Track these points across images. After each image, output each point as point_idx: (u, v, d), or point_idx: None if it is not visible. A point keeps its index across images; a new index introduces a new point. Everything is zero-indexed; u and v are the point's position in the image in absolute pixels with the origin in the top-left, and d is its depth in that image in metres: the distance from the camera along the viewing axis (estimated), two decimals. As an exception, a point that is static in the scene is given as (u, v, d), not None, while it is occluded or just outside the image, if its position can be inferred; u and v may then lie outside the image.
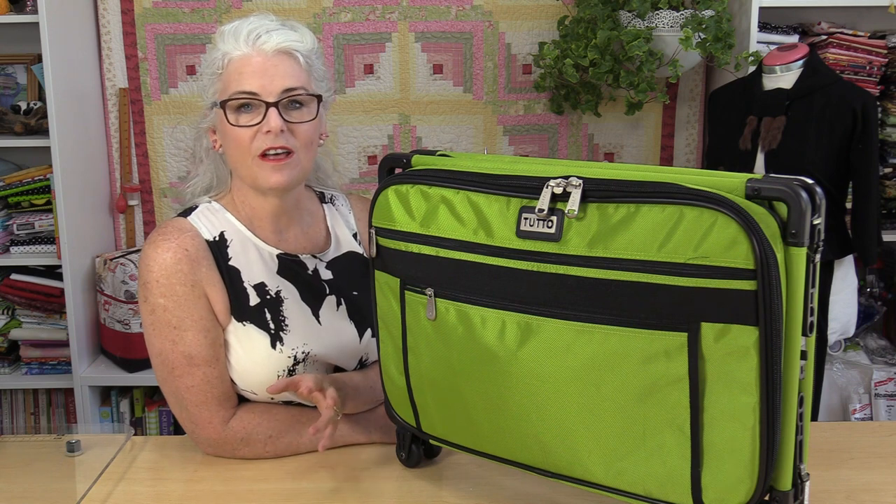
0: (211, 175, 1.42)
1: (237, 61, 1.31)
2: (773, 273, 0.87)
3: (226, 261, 1.35)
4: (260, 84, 1.29)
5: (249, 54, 1.30)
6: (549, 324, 1.00)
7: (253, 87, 1.29)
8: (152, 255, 1.31)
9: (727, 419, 0.93)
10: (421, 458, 1.29)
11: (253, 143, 1.30)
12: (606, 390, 0.98)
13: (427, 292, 1.10)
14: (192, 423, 1.33)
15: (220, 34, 1.34)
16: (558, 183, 0.97)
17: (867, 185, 2.33)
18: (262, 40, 1.30)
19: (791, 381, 0.93)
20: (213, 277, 1.33)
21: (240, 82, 1.30)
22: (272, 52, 1.30)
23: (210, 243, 1.35)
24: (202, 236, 1.34)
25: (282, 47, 1.30)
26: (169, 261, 1.30)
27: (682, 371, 0.93)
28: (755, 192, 0.91)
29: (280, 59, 1.30)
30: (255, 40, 1.30)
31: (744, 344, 0.90)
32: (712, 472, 0.96)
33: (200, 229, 1.35)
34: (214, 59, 1.34)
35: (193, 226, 1.35)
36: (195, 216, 1.37)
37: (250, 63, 1.30)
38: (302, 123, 1.32)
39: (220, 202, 1.40)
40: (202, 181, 1.42)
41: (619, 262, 0.94)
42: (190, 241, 1.32)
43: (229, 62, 1.32)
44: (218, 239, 1.36)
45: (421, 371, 1.15)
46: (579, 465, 1.03)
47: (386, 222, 1.13)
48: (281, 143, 1.30)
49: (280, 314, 1.36)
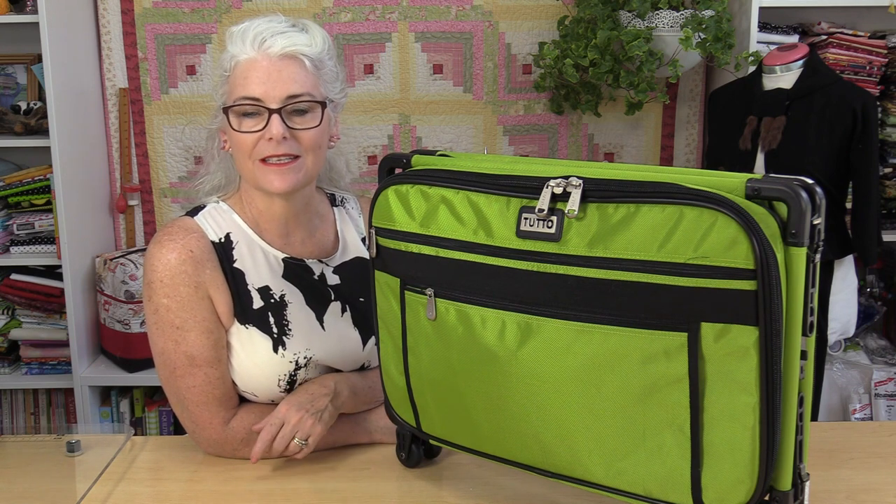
0: (221, 174, 1.41)
1: (243, 65, 1.30)
2: (774, 273, 0.87)
3: (230, 263, 1.35)
4: (263, 90, 1.28)
5: (255, 58, 1.29)
6: (549, 324, 0.99)
7: (256, 92, 1.28)
8: (157, 254, 1.31)
9: (727, 419, 0.93)
10: (421, 459, 1.29)
11: (256, 149, 1.30)
12: (606, 390, 0.98)
13: (427, 292, 1.10)
14: (193, 423, 1.33)
15: (229, 35, 1.33)
16: (558, 183, 0.97)
17: (867, 185, 2.33)
18: (267, 44, 1.29)
19: (791, 381, 0.93)
20: (217, 279, 1.32)
21: (244, 87, 1.29)
22: (278, 57, 1.29)
23: (215, 244, 1.34)
24: (208, 237, 1.34)
25: (288, 52, 1.29)
26: (173, 261, 1.30)
27: (682, 371, 0.93)
28: (755, 192, 0.91)
29: (285, 64, 1.29)
30: (260, 44, 1.29)
31: (744, 344, 0.90)
32: (712, 472, 0.96)
33: (206, 230, 1.35)
34: (223, 60, 1.34)
35: (199, 226, 1.35)
36: (202, 216, 1.37)
37: (255, 68, 1.29)
38: (306, 130, 1.31)
39: (227, 202, 1.40)
40: (212, 179, 1.42)
41: (619, 262, 0.93)
42: (195, 241, 1.32)
43: (236, 65, 1.31)
44: (224, 240, 1.36)
45: (421, 371, 1.15)
46: (579, 465, 1.03)
47: (386, 222, 1.13)
48: (283, 150, 1.29)
49: (284, 318, 1.35)
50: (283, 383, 1.34)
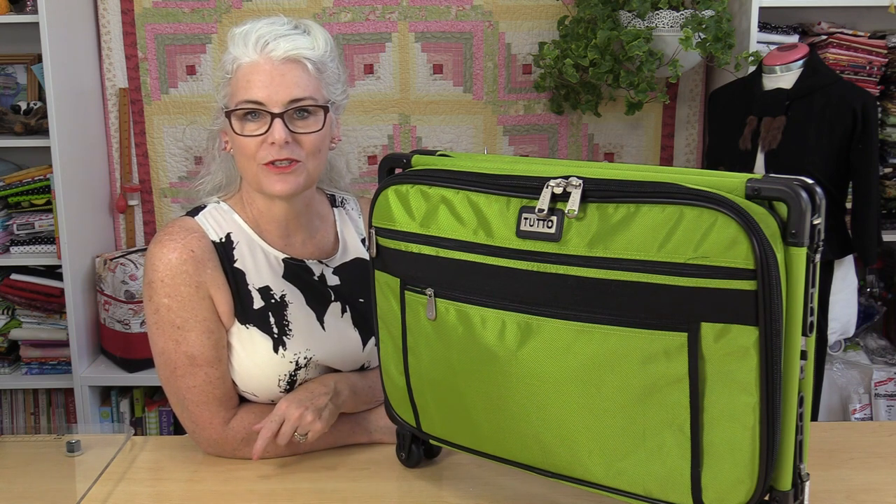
0: (222, 174, 1.41)
1: (245, 68, 1.30)
2: (773, 273, 0.87)
3: (231, 262, 1.35)
4: (266, 94, 1.28)
5: (257, 62, 1.29)
6: (549, 324, 0.99)
7: (259, 96, 1.28)
8: (158, 254, 1.31)
9: (727, 419, 0.93)
10: (421, 458, 1.29)
11: (258, 153, 1.30)
12: (606, 390, 0.98)
13: (427, 292, 1.10)
14: (193, 423, 1.33)
15: (231, 37, 1.33)
16: (558, 183, 0.97)
17: (867, 185, 2.33)
18: (269, 47, 1.28)
19: (791, 381, 0.93)
20: (217, 279, 1.33)
21: (247, 90, 1.29)
22: (280, 61, 1.28)
23: (216, 244, 1.35)
24: (208, 237, 1.34)
25: (290, 55, 1.29)
26: (174, 261, 1.30)
27: (682, 371, 0.93)
28: (755, 192, 0.91)
29: (288, 68, 1.29)
30: (263, 47, 1.29)
31: (744, 344, 0.90)
32: (712, 472, 0.95)
33: (207, 230, 1.35)
34: (225, 62, 1.34)
35: (200, 226, 1.35)
36: (202, 216, 1.37)
37: (258, 71, 1.29)
38: (308, 134, 1.31)
39: (228, 203, 1.40)
40: (213, 179, 1.42)
41: (619, 262, 0.93)
42: (196, 241, 1.32)
43: (238, 67, 1.31)
44: (224, 240, 1.36)
45: (421, 371, 1.15)
46: (579, 465, 1.03)
47: (386, 222, 1.13)
48: (286, 154, 1.29)
49: (284, 318, 1.35)
50: (284, 383, 1.34)
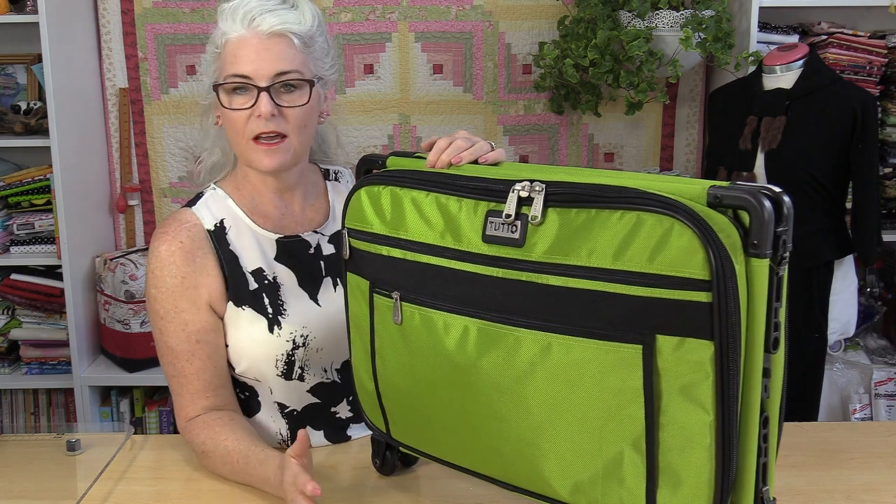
0: (219, 150, 1.44)
1: (233, 42, 1.31)
2: (731, 285, 0.82)
3: (225, 247, 1.37)
4: (253, 68, 1.30)
5: (245, 36, 1.31)
6: (510, 333, 0.97)
7: (246, 70, 1.30)
8: (153, 247, 1.36)
9: (684, 438, 0.88)
10: (396, 466, 1.27)
11: (247, 127, 1.32)
12: (566, 404, 0.94)
13: (394, 296, 1.08)
14: (175, 408, 1.37)
15: (220, 11, 1.35)
16: (524, 186, 0.95)
17: (867, 185, 2.33)
18: (256, 22, 1.30)
19: (752, 400, 0.88)
20: (208, 265, 1.35)
21: (234, 65, 1.31)
22: (266, 35, 1.30)
23: (210, 231, 1.37)
24: (202, 225, 1.37)
25: (277, 30, 1.30)
26: (163, 253, 1.33)
27: (638, 385, 0.89)
28: (717, 199, 0.87)
29: (274, 42, 1.30)
30: (250, 22, 1.30)
31: (699, 359, 0.85)
32: (669, 493, 0.91)
33: (203, 218, 1.37)
34: (214, 37, 1.36)
35: (195, 215, 1.38)
36: (199, 205, 1.39)
37: (244, 45, 1.30)
38: (294, 108, 1.32)
39: (223, 188, 1.42)
40: (211, 157, 1.45)
41: (577, 270, 0.90)
42: (186, 232, 1.35)
43: (226, 42, 1.33)
44: (218, 226, 1.38)
45: (388, 376, 1.13)
46: (540, 479, 0.99)
47: (358, 224, 1.12)
48: (272, 127, 1.31)
49: (278, 298, 1.37)
50: (281, 364, 1.35)
